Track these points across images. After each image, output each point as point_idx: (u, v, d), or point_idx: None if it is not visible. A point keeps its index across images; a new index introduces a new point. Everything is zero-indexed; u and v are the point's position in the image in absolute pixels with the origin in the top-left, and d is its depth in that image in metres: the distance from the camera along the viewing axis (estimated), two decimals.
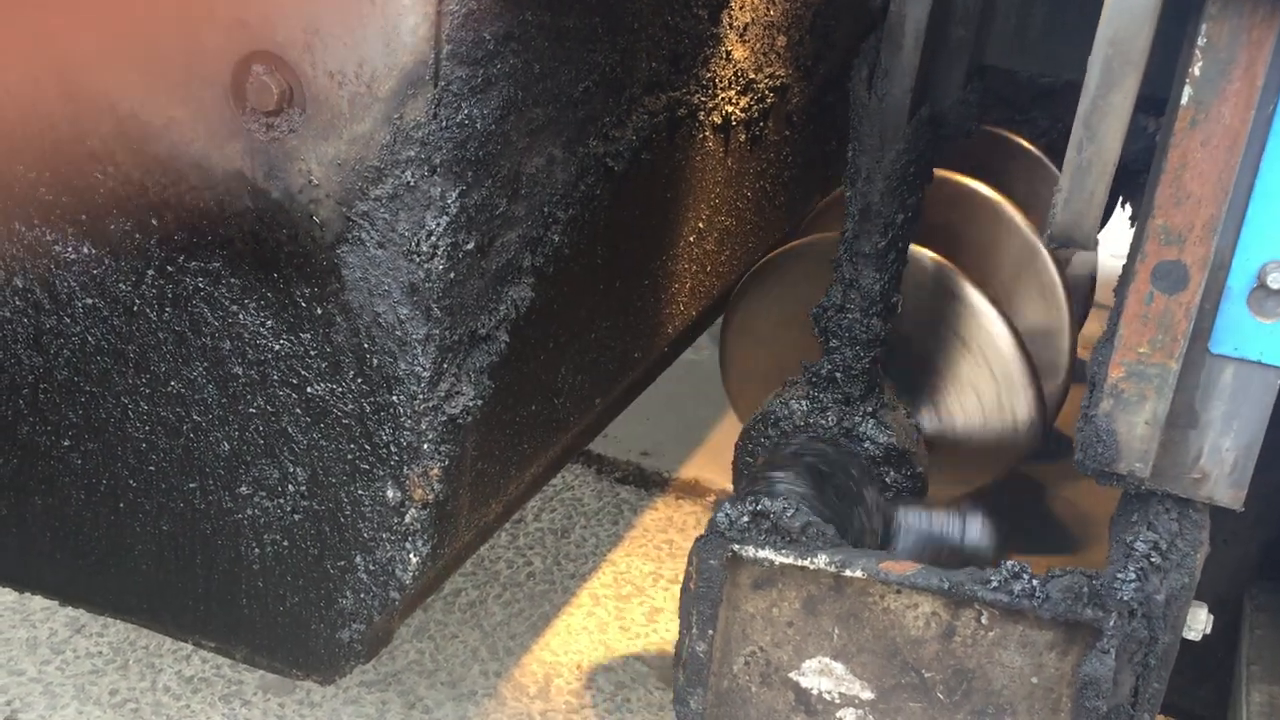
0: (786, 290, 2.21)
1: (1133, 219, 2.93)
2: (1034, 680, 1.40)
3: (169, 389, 1.54)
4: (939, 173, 1.99)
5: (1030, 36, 1.59)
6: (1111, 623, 1.31)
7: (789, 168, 2.66)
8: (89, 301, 1.54)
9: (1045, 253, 2.38)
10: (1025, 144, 2.66)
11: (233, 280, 1.47)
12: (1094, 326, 2.97)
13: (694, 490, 3.03)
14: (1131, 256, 1.28)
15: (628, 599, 2.58)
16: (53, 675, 2.20)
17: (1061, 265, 2.43)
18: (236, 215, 1.44)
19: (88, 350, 1.56)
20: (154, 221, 1.47)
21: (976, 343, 2.03)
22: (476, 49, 1.33)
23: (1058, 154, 2.73)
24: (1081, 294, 2.80)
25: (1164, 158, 1.20)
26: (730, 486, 1.98)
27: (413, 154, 1.34)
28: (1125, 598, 1.33)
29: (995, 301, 2.05)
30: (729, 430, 3.31)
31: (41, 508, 1.66)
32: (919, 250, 1.99)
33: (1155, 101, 1.37)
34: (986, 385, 2.05)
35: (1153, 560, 1.35)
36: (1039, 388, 2.07)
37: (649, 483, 3.04)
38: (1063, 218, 1.22)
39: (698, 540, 1.48)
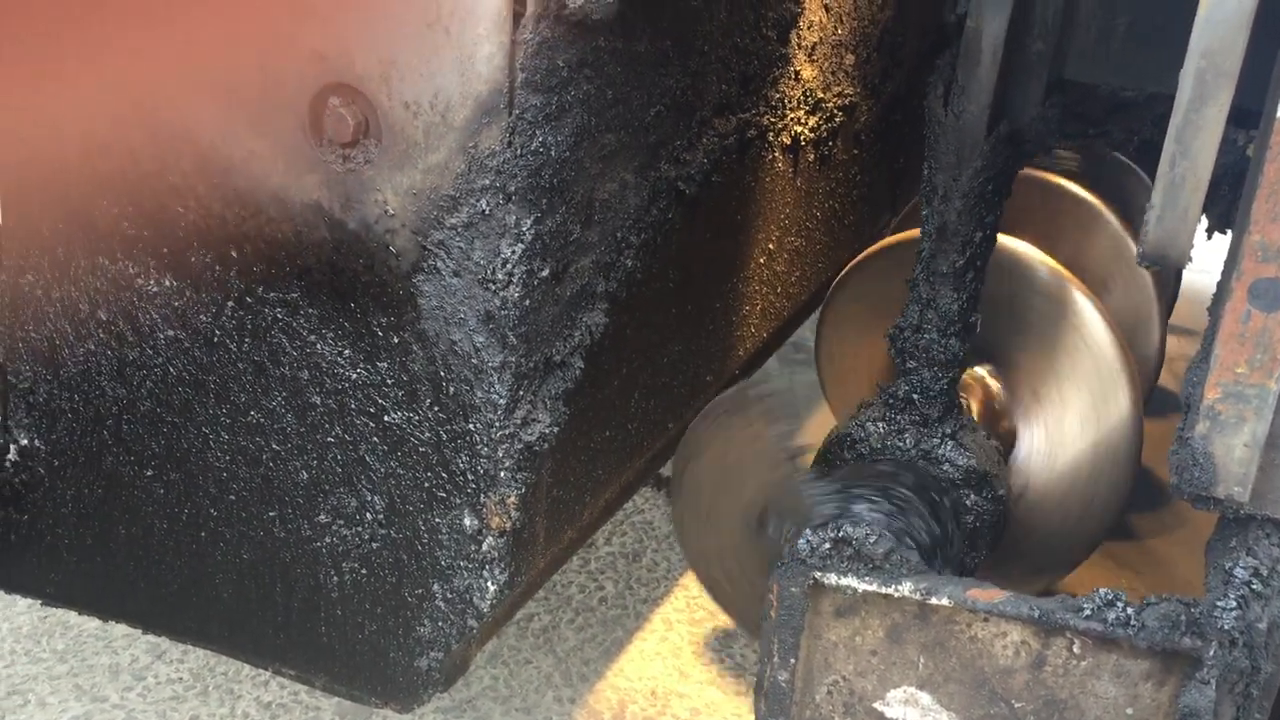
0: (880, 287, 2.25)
1: (1209, 231, 2.86)
2: (1129, 711, 1.35)
3: (249, 419, 1.56)
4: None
5: (1112, 49, 1.56)
6: (1212, 652, 1.27)
7: (858, 186, 2.63)
8: (170, 333, 1.56)
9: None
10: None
11: (310, 310, 1.48)
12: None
13: None
14: (1227, 273, 1.24)
15: (701, 624, 2.56)
16: (134, 702, 2.22)
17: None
18: (314, 246, 1.45)
19: (169, 381, 1.58)
20: (233, 253, 1.49)
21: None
22: (550, 76, 1.33)
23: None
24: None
25: (1260, 172, 1.16)
26: None
27: (488, 182, 1.34)
28: (1225, 626, 1.29)
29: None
30: None
31: (125, 537, 1.69)
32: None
33: (1245, 114, 1.33)
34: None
35: (1253, 587, 1.30)
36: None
37: None
38: (1155, 235, 1.19)
39: (779, 568, 1.46)
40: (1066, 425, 2.07)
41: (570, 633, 2.50)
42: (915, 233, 1.84)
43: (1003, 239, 1.93)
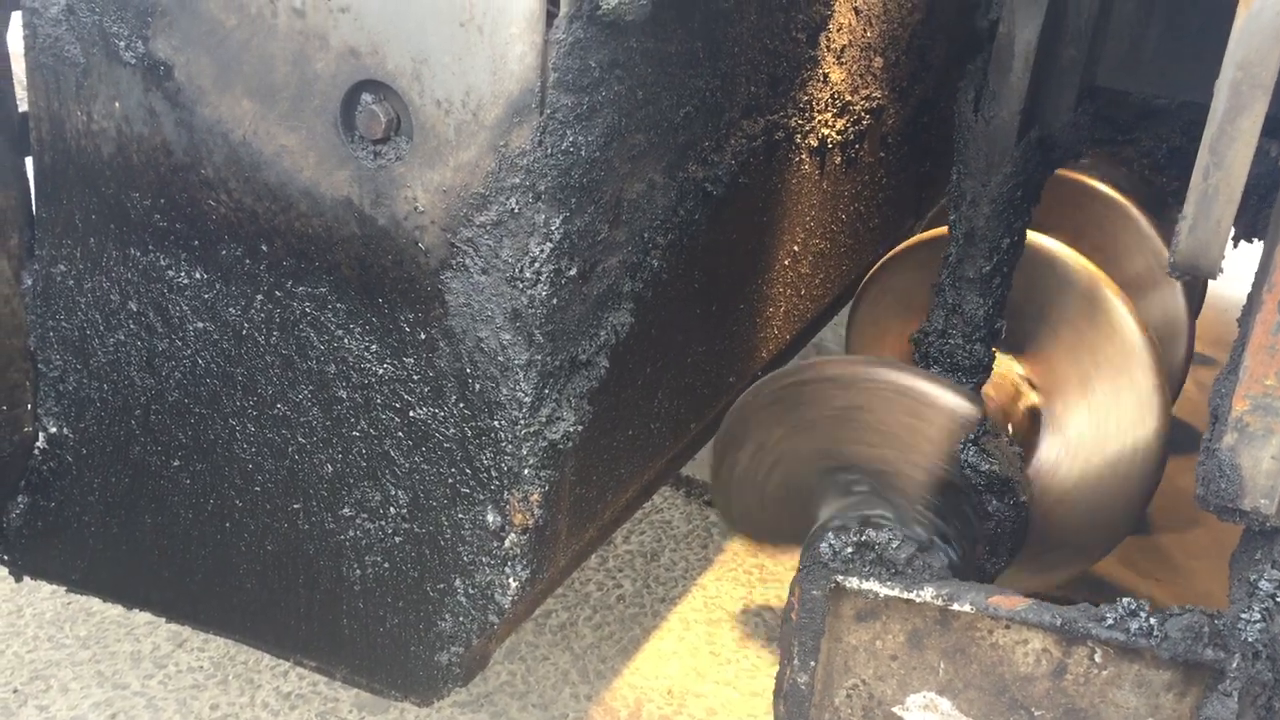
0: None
1: (1235, 240, 2.85)
2: None
3: (275, 411, 1.57)
4: None
5: (1144, 56, 1.55)
6: (1235, 664, 1.27)
7: (884, 190, 2.63)
8: (200, 325, 1.57)
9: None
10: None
11: (339, 305, 1.49)
12: None
13: None
14: (1257, 285, 1.23)
15: (718, 624, 2.56)
16: (155, 689, 2.24)
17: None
18: (343, 241, 1.46)
19: (198, 373, 1.59)
20: (263, 247, 1.50)
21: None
22: (582, 77, 1.33)
23: (1162, 174, 2.68)
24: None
25: None
26: None
27: (518, 181, 1.35)
28: (1249, 639, 1.28)
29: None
30: None
31: (150, 526, 1.70)
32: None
33: (1277, 124, 1.32)
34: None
35: (1278, 600, 1.30)
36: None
37: None
38: (1187, 246, 1.18)
39: (801, 570, 1.46)
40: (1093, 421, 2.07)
41: (588, 630, 2.51)
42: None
43: (1036, 237, 1.94)
